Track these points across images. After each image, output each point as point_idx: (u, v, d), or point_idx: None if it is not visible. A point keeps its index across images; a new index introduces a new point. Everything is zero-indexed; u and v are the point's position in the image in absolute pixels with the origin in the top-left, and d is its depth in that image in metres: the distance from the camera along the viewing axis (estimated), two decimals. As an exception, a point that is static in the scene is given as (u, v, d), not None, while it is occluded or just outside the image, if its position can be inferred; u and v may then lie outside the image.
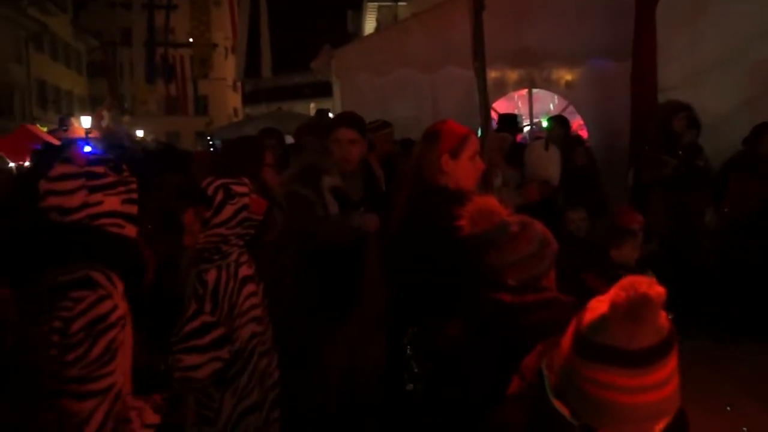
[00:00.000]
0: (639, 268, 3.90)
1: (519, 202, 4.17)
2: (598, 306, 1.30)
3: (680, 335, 1.33)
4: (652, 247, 4.35)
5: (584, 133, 7.77)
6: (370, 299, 3.37)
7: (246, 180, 2.80)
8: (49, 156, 5.64)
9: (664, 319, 1.26)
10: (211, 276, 2.62)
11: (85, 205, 1.81)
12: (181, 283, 2.65)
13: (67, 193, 1.81)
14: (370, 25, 20.51)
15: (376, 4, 19.48)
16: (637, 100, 6.21)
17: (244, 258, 2.74)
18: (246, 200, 2.68)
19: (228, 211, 2.63)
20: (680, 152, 5.51)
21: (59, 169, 1.85)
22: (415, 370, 2.66)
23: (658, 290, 1.24)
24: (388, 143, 5.28)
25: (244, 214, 2.67)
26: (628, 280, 1.26)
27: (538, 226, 2.03)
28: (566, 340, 1.34)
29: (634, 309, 1.22)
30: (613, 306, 1.25)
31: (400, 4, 17.59)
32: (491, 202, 2.10)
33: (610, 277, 3.76)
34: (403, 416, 2.82)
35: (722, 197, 5.55)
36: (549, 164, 4.93)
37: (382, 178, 3.95)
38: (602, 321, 1.27)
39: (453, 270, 2.19)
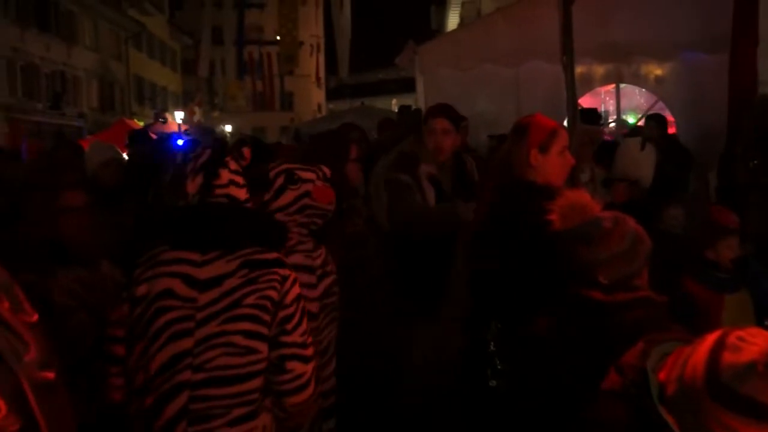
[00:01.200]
0: (737, 270, 3.73)
1: (606, 200, 4.07)
2: (744, 349, 1.22)
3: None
4: (748, 248, 4.14)
5: (673, 130, 7.50)
6: (457, 294, 3.37)
7: (321, 168, 2.72)
8: (143, 146, 5.91)
9: None
10: None
11: None
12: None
13: None
14: (453, 21, 20.41)
15: (459, -1, 19.38)
16: (734, 95, 5.93)
17: (303, 247, 2.65)
18: (309, 186, 2.61)
19: (288, 196, 2.58)
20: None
21: None
22: (499, 367, 2.64)
23: None
24: (463, 138, 5.25)
25: (305, 200, 2.60)
26: None
27: (632, 223, 1.97)
28: (697, 364, 1.28)
29: None
30: None
31: (484, -1, 17.43)
32: (584, 197, 2.06)
33: (708, 279, 3.65)
34: (486, 413, 2.81)
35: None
36: (644, 165, 4.74)
37: (474, 171, 3.94)
38: (748, 372, 1.20)
39: (542, 266, 2.16)
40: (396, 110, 11.31)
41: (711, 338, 1.29)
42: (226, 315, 2.00)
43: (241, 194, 2.18)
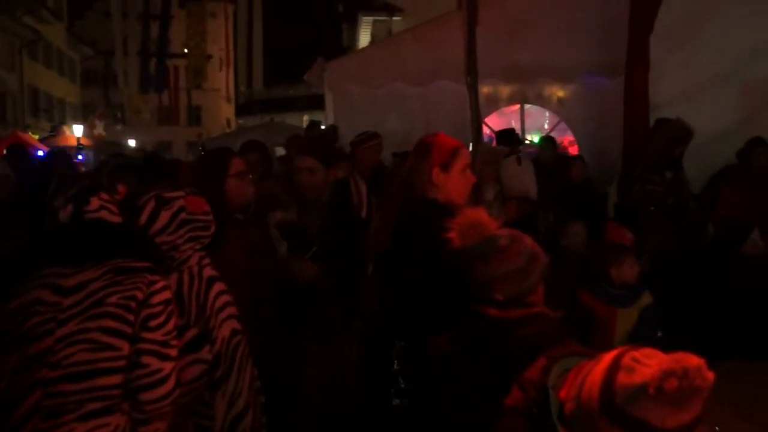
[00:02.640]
0: (638, 286, 3.89)
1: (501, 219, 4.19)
2: (637, 370, 1.23)
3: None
4: (643, 264, 4.33)
5: (575, 150, 7.79)
6: (363, 311, 3.34)
7: (185, 188, 2.73)
8: (21, 161, 5.74)
9: (702, 401, 1.22)
10: (172, 280, 2.52)
11: None
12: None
13: None
14: (364, 39, 20.61)
15: (371, 18, 19.60)
16: (629, 117, 6.22)
17: (206, 261, 2.67)
18: (181, 202, 2.60)
19: (164, 217, 2.56)
20: (670, 171, 5.52)
21: None
22: (402, 386, 2.62)
23: (708, 378, 1.19)
24: (375, 155, 5.27)
25: (182, 215, 2.59)
26: (679, 361, 1.19)
27: (528, 241, 2.02)
28: (593, 385, 1.29)
29: (682, 398, 1.18)
30: (660, 389, 1.18)
31: (394, 18, 17.71)
32: (481, 215, 2.08)
33: (604, 294, 3.79)
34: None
35: (713, 212, 5.56)
36: (525, 180, 4.93)
37: (363, 199, 3.90)
38: (641, 394, 1.21)
39: (441, 283, 2.16)
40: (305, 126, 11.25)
41: (608, 358, 1.30)
42: (88, 314, 2.09)
43: (114, 219, 2.30)
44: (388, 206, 3.41)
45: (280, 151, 8.11)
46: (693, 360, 1.19)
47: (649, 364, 1.22)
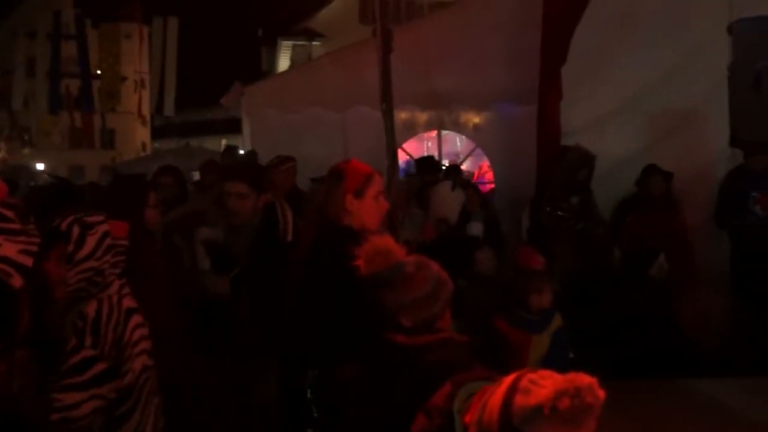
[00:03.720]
0: (550, 310, 3.97)
1: (419, 240, 4.26)
2: (533, 392, 1.27)
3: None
4: (554, 287, 4.44)
5: (491, 175, 7.96)
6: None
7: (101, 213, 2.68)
8: None
9: (595, 418, 1.26)
10: (90, 308, 2.46)
11: None
12: (62, 325, 2.48)
13: None
14: (284, 64, 20.53)
15: (290, 42, 19.57)
16: (542, 144, 6.41)
17: (126, 290, 2.61)
18: (105, 227, 2.55)
19: (90, 242, 2.49)
20: (578, 196, 5.73)
21: None
22: (315, 415, 2.58)
23: (599, 396, 1.23)
24: (290, 178, 5.23)
25: (107, 241, 2.54)
26: (571, 381, 1.23)
27: (434, 267, 2.03)
28: (493, 408, 1.31)
29: (575, 415, 1.22)
30: (554, 409, 1.22)
31: (314, 43, 17.75)
32: (388, 242, 2.09)
33: (517, 320, 3.85)
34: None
35: (619, 236, 5.78)
36: (452, 205, 5.05)
37: (289, 223, 3.90)
38: (536, 415, 1.24)
39: (350, 310, 2.15)
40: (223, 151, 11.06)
41: (507, 381, 1.33)
42: None
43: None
44: (303, 232, 3.39)
45: (196, 175, 7.93)
46: (585, 379, 1.23)
47: (544, 385, 1.25)
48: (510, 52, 6.93)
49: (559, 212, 5.63)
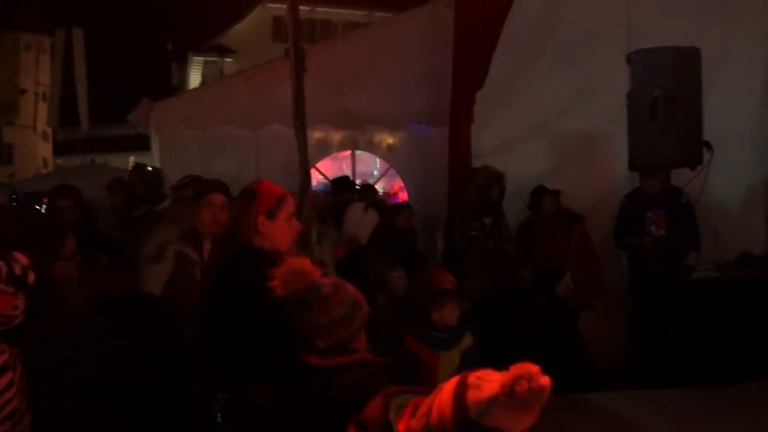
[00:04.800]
0: (460, 329, 4.04)
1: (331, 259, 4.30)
2: (484, 386, 1.35)
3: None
4: (464, 306, 4.53)
5: (405, 195, 8.06)
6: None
7: (8, 262, 2.28)
8: None
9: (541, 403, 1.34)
10: None
11: None
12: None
13: None
14: (195, 79, 20.21)
15: (201, 58, 19.28)
16: (454, 165, 6.55)
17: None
18: None
19: None
20: (491, 216, 5.88)
21: None
22: (226, 440, 2.52)
23: (547, 379, 1.31)
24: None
25: None
26: (522, 368, 1.31)
27: (351, 289, 2.05)
28: (443, 408, 1.38)
29: (531, 399, 1.29)
30: (512, 393, 1.29)
31: (226, 59, 17.54)
32: (304, 263, 2.09)
33: (427, 338, 3.91)
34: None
35: (528, 255, 5.97)
36: (365, 225, 5.12)
37: None
38: (492, 404, 1.32)
39: (264, 333, 2.12)
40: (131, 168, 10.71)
41: (451, 383, 1.41)
42: None
43: None
44: (213, 254, 3.33)
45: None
46: (533, 366, 1.33)
47: (493, 379, 1.35)
48: (423, 74, 7.07)
49: (472, 232, 5.76)
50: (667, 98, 5.54)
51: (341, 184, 7.00)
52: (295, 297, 2.02)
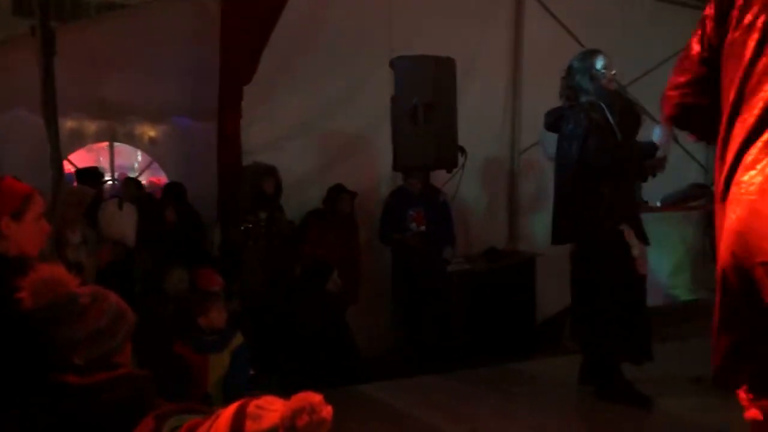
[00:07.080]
0: (229, 329, 3.95)
1: (94, 264, 3.94)
2: (264, 416, 1.32)
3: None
4: (233, 305, 4.45)
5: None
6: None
7: None
8: None
9: None
10: None
11: None
12: None
13: None
14: None
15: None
16: (223, 161, 6.39)
17: None
18: None
19: None
20: (266, 211, 5.87)
21: None
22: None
23: (329, 410, 1.32)
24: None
25: None
26: (303, 399, 1.30)
27: (113, 298, 1.88)
28: None
29: (312, 429, 1.29)
30: (292, 428, 1.28)
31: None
32: (58, 271, 1.87)
33: (195, 342, 3.77)
34: None
35: (303, 244, 6.06)
36: (124, 224, 4.77)
37: None
38: None
39: (9, 352, 1.87)
40: None
41: (230, 411, 1.36)
42: None
43: None
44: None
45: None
46: (315, 396, 1.33)
47: (274, 408, 1.32)
48: (188, 66, 6.77)
49: (248, 226, 5.69)
50: (425, 104, 5.92)
51: (87, 175, 6.43)
52: (47, 309, 1.81)
